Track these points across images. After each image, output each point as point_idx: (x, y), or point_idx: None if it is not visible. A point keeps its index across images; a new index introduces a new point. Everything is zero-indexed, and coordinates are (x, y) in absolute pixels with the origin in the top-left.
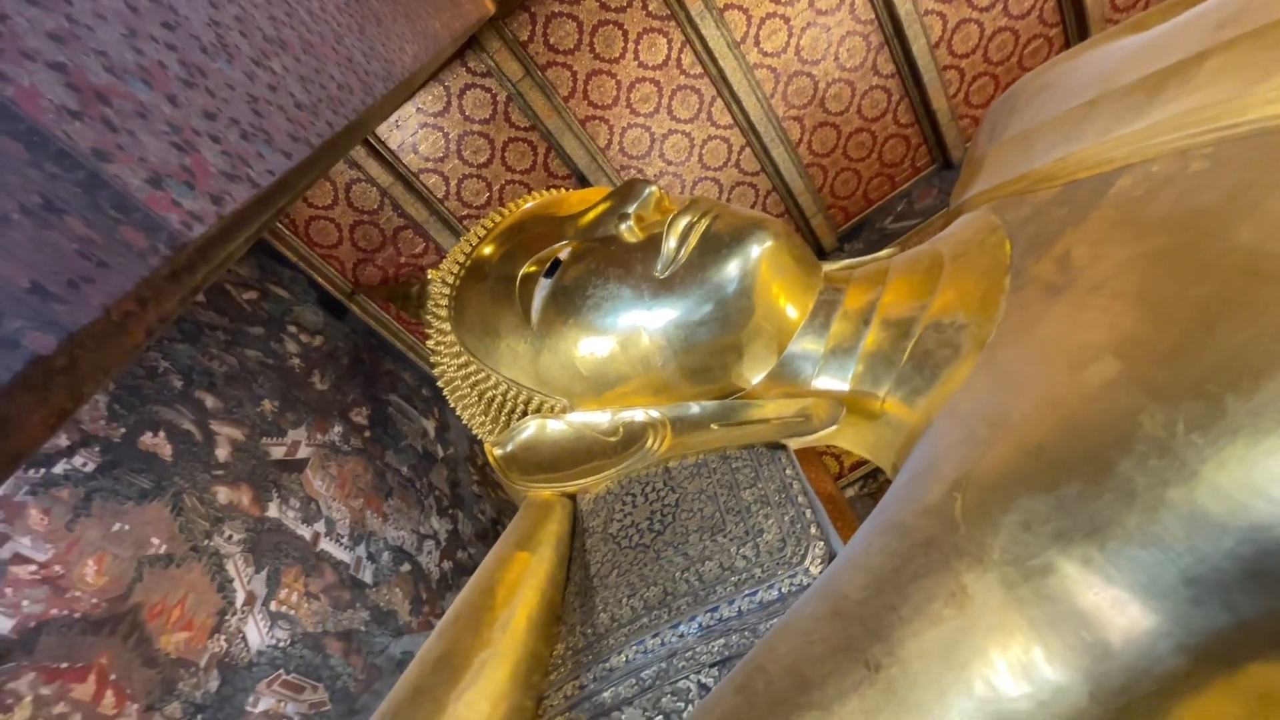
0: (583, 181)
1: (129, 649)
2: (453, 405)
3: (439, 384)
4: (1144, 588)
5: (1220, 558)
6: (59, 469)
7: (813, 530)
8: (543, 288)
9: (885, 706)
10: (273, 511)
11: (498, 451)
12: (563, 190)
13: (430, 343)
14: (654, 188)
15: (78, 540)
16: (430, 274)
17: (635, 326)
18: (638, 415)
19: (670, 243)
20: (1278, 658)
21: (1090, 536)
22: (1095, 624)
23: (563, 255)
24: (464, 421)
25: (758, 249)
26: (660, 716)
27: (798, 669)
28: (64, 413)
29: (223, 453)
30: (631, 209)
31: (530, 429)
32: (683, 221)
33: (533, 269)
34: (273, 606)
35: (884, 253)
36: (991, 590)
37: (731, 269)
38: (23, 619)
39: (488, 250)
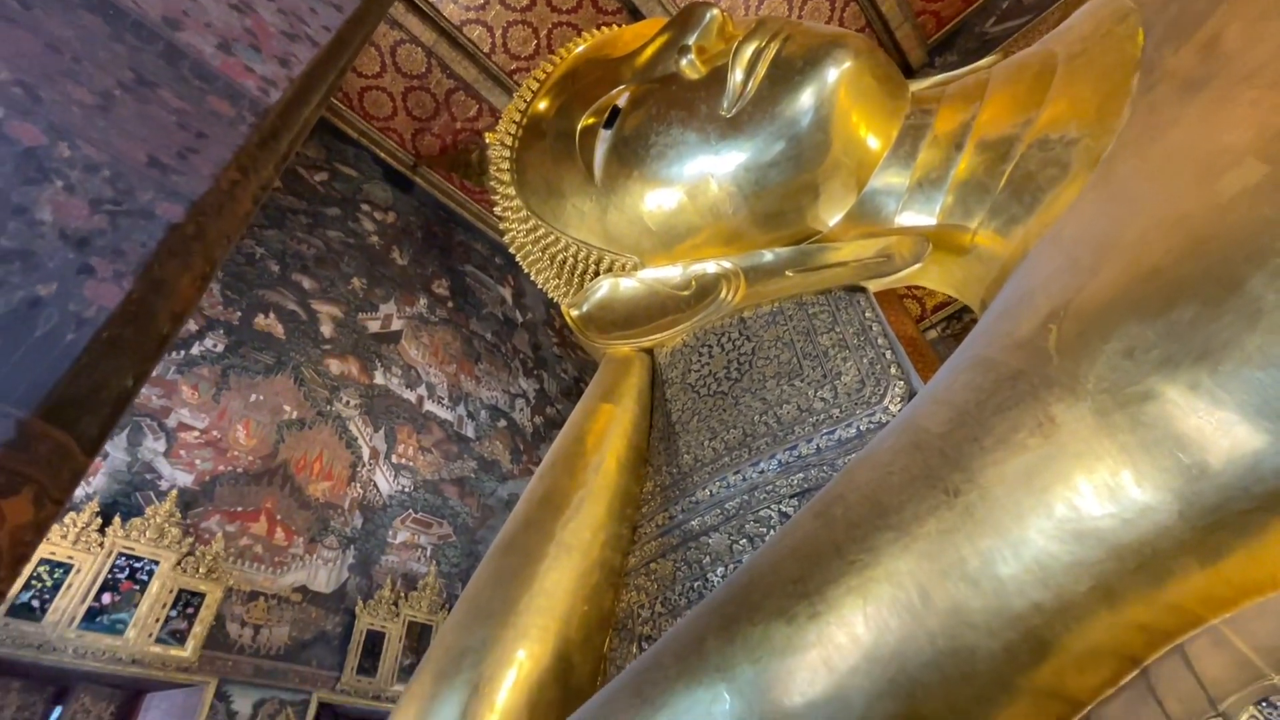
0: (635, 15)
1: (286, 495)
2: (526, 270)
3: (510, 250)
4: (1256, 409)
5: None
6: (195, 350)
7: (893, 370)
8: (603, 140)
9: (961, 527)
10: (379, 379)
11: (574, 313)
12: (615, 28)
13: (497, 209)
14: (715, 11)
15: (225, 409)
16: (488, 138)
17: (702, 174)
18: (709, 267)
19: (736, 75)
20: None
21: (1201, 360)
22: (1194, 447)
23: (621, 102)
24: (539, 286)
25: (835, 72)
26: (744, 540)
27: (875, 496)
28: (205, 276)
29: (327, 329)
30: (691, 39)
31: (603, 289)
32: (749, 48)
33: (591, 120)
34: (394, 459)
35: (984, 62)
36: (1082, 419)
37: (805, 99)
38: (199, 474)
39: (543, 105)
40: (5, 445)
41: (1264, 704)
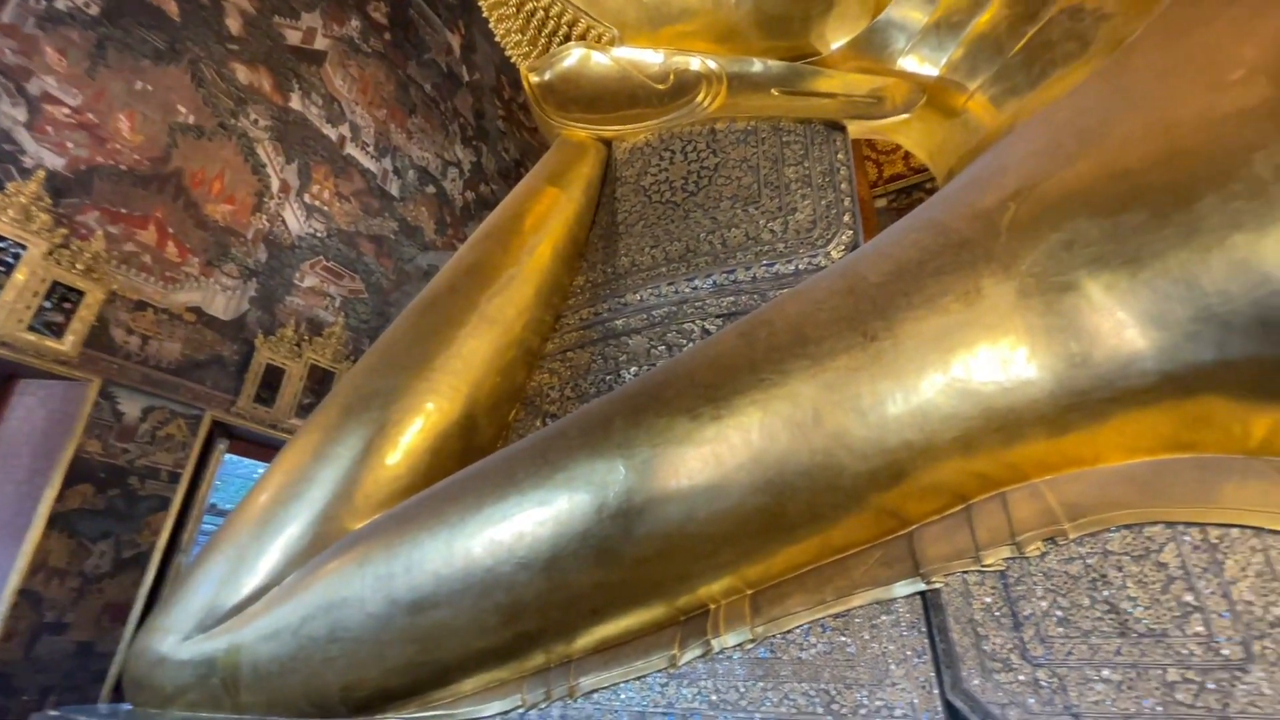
0: None
1: (180, 209)
2: (486, 13)
3: None
4: (1151, 318)
5: (1246, 304)
6: (60, 3)
7: (846, 219)
8: None
9: (868, 367)
10: (295, 104)
11: (534, 78)
12: None
13: None
14: None
15: (104, 91)
16: None
17: None
18: (693, 63)
19: None
20: (1230, 393)
21: (1126, 264)
22: (1087, 339)
23: None
24: (498, 38)
25: None
26: (663, 346)
27: (800, 327)
28: None
29: (234, 24)
30: None
31: (572, 58)
32: None
33: None
34: (307, 199)
35: None
36: (1005, 297)
37: None
38: (72, 160)
39: None
40: None
41: (1049, 541)
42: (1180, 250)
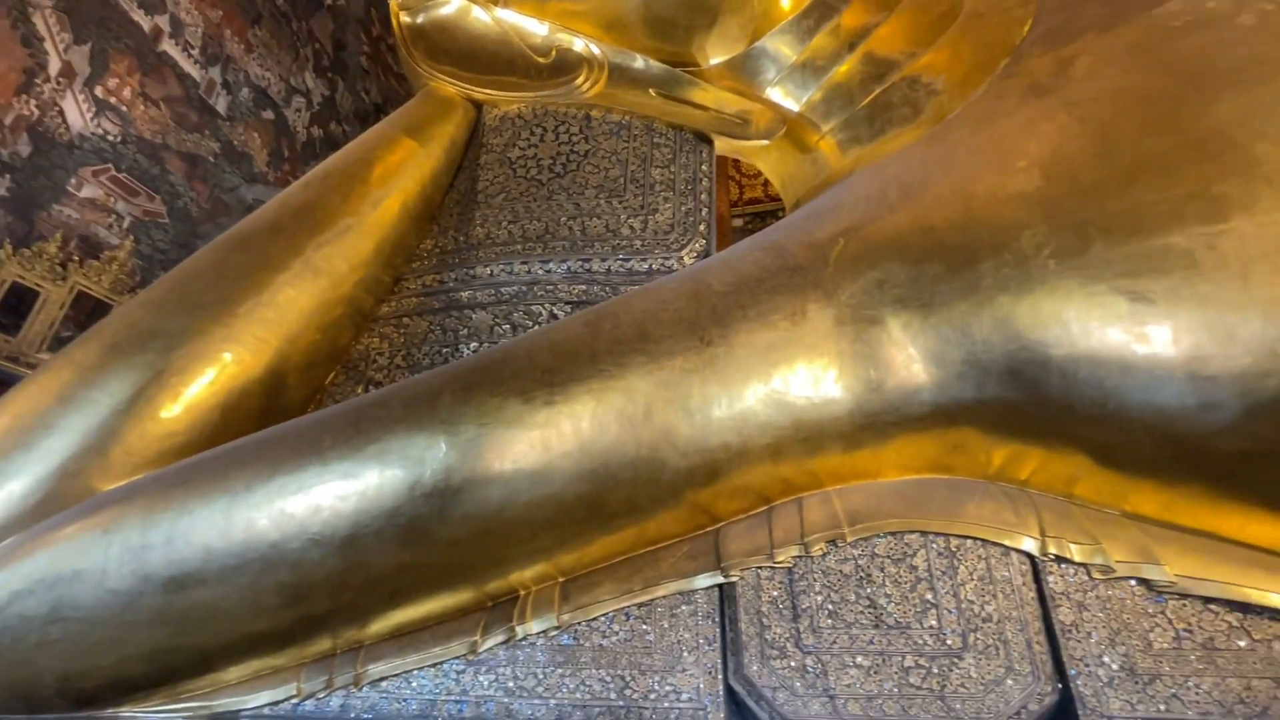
0: None
1: None
2: None
3: None
4: (932, 357)
5: (1001, 355)
6: None
7: (701, 228)
8: None
9: (701, 370)
10: None
11: (405, 18)
12: None
13: None
14: None
15: None
16: None
17: None
18: (577, 44)
19: None
20: (981, 427)
21: (922, 308)
22: (884, 368)
23: None
24: None
25: None
26: (508, 325)
27: (643, 324)
28: None
29: None
30: None
31: (451, 7)
32: None
33: None
34: (99, 92)
35: None
36: (825, 321)
37: None
38: None
39: None
40: None
41: (831, 543)
42: (961, 302)
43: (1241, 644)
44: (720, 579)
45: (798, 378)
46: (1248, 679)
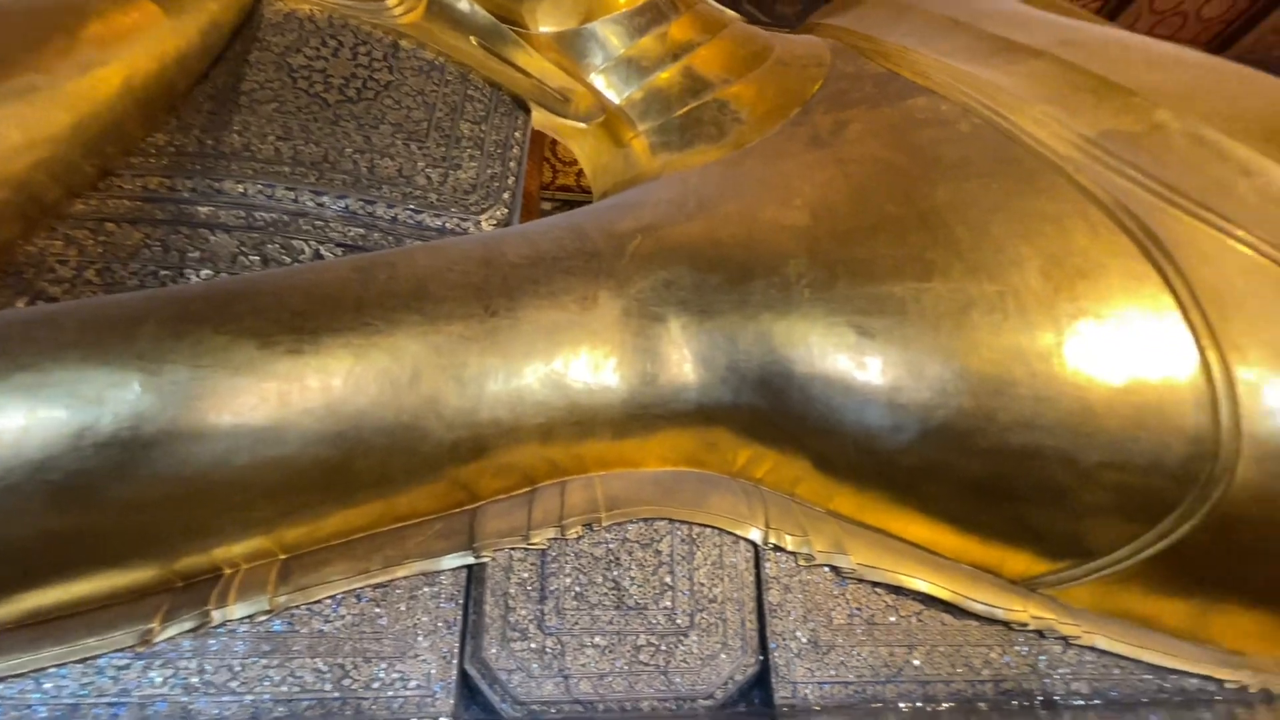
0: None
1: None
2: None
3: None
4: (702, 359)
5: (757, 365)
6: None
7: (506, 196)
8: None
9: (480, 340)
10: None
11: None
12: None
13: None
14: None
15: None
16: None
17: None
18: None
19: None
20: (732, 429)
21: (700, 313)
22: (659, 364)
23: None
24: None
25: None
26: (257, 257)
27: (424, 281)
28: None
29: None
30: None
31: None
32: None
33: None
34: None
35: (731, 13)
36: (613, 311)
37: None
38: None
39: None
40: None
41: (587, 527)
42: (734, 313)
43: (891, 619)
44: (471, 559)
45: (580, 362)
46: (892, 648)
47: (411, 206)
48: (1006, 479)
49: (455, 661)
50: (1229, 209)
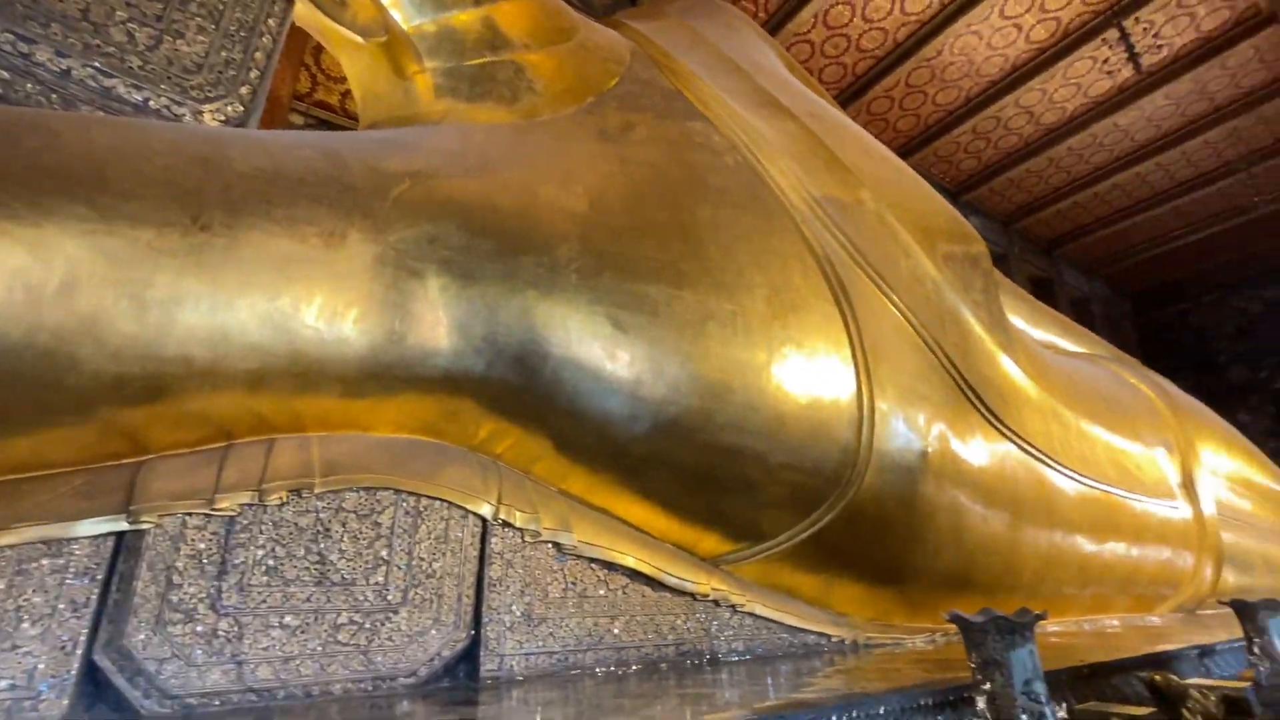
0: None
1: None
2: None
3: None
4: (459, 325)
5: (516, 341)
6: None
7: (244, 91)
8: None
9: (182, 255)
10: None
11: None
12: None
13: None
14: None
15: None
16: None
17: None
18: None
19: None
20: (479, 401)
21: (464, 276)
22: (412, 323)
23: None
24: None
25: None
26: None
27: (103, 165)
28: None
29: None
30: None
31: None
32: None
33: None
34: None
35: None
36: (364, 255)
37: None
38: None
39: None
40: None
41: (294, 493)
42: (499, 284)
43: (601, 593)
44: (124, 525)
45: (313, 305)
46: (597, 618)
47: (97, 63)
48: (714, 471)
49: (79, 652)
50: (891, 278)
